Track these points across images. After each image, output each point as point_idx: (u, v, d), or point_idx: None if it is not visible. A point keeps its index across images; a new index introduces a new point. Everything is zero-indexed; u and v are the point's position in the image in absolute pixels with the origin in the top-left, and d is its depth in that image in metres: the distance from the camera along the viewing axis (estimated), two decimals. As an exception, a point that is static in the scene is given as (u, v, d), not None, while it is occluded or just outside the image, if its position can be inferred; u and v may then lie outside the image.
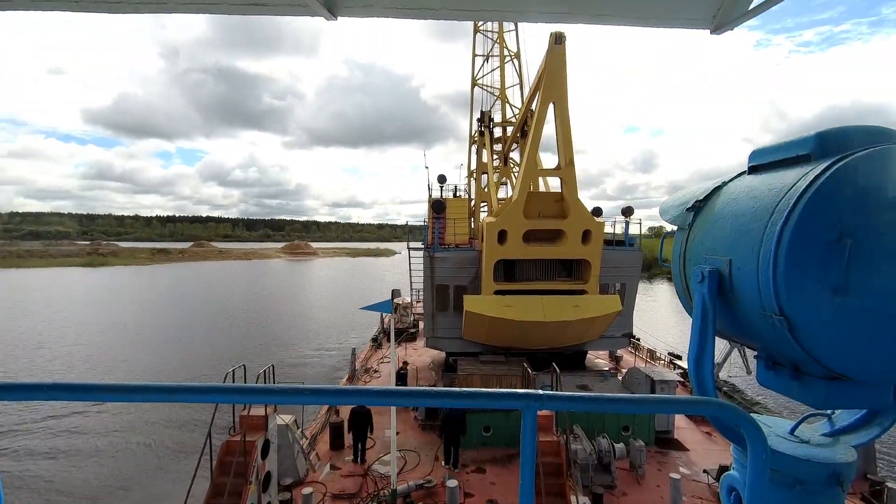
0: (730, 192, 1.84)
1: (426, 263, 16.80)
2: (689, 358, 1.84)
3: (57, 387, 1.38)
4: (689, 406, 1.45)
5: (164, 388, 1.38)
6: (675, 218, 2.12)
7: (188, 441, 19.03)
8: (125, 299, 61.06)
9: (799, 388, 1.57)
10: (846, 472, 1.58)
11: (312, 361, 31.39)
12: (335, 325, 43.99)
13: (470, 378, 14.19)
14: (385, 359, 23.07)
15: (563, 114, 15.01)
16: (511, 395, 1.38)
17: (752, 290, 1.54)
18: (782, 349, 1.57)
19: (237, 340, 37.03)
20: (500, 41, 27.68)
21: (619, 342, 18.96)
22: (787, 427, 1.84)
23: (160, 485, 15.82)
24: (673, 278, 2.12)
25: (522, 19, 2.12)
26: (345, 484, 11.60)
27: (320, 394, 1.42)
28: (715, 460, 12.82)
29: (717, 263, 1.72)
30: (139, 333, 39.29)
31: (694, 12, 2.00)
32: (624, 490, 11.58)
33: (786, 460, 1.61)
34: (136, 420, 21.06)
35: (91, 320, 44.79)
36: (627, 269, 17.83)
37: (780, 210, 1.44)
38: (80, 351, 33.12)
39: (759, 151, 1.76)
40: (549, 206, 15.97)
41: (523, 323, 15.19)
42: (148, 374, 28.00)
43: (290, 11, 1.88)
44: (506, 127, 26.25)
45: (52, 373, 28.07)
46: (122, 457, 17.99)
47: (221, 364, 26.72)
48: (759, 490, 1.36)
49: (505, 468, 12.45)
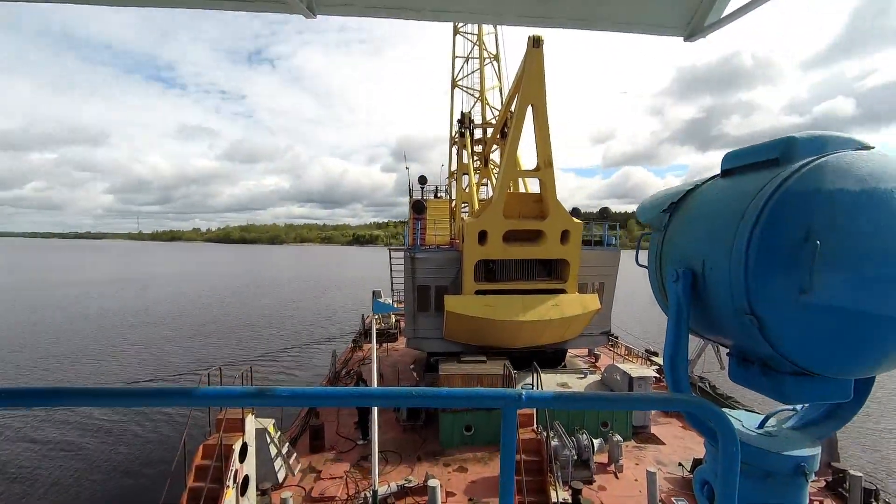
0: (703, 195, 1.89)
1: (407, 264, 16.74)
2: (664, 355, 1.88)
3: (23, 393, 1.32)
4: (664, 403, 1.49)
5: (134, 393, 1.34)
6: (651, 219, 2.16)
7: (160, 443, 18.48)
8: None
9: (768, 383, 1.63)
10: (810, 462, 1.64)
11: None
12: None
13: (451, 378, 14.20)
14: (366, 360, 22.88)
15: (542, 116, 15.16)
16: (492, 394, 1.39)
17: (724, 290, 1.58)
18: (752, 346, 1.62)
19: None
20: (479, 43, 27.76)
21: (598, 340, 19.27)
22: (756, 421, 1.90)
23: (132, 490, 15.29)
24: (649, 278, 2.16)
25: (501, 22, 2.13)
26: (324, 486, 11.46)
27: (299, 396, 1.40)
28: (690, 454, 13.18)
29: (691, 263, 1.76)
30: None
31: (668, 20, 2.05)
32: (602, 484, 11.79)
33: (755, 453, 1.67)
34: (104, 422, 20.31)
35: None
36: (606, 268, 18.14)
37: (749, 212, 1.49)
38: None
39: (731, 155, 1.82)
40: (529, 207, 16.11)
41: (504, 322, 15.29)
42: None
43: (269, 8, 1.86)
44: (486, 128, 26.35)
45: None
46: (91, 460, 17.29)
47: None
48: (730, 482, 1.40)
49: (486, 466, 12.50)
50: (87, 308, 52.69)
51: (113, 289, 72.42)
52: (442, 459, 12.82)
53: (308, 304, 59.27)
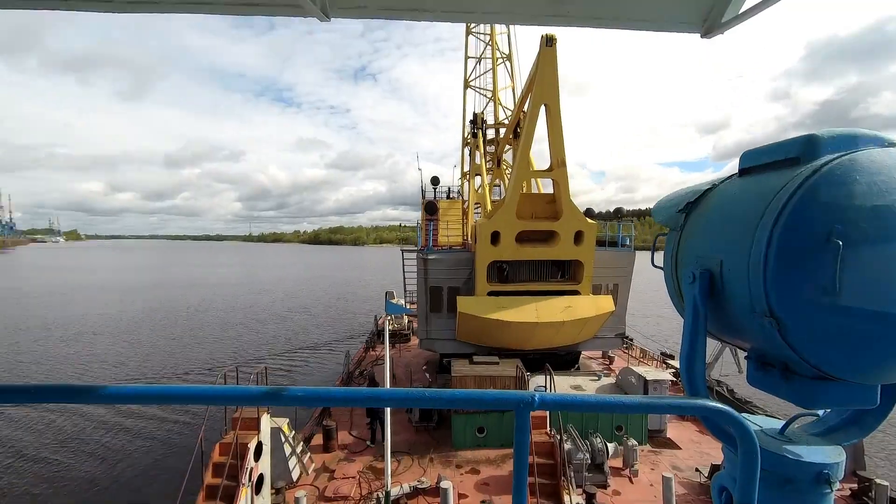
0: (721, 194, 1.85)
1: (420, 265, 16.78)
2: (680, 358, 1.85)
3: (47, 389, 1.36)
4: (681, 407, 1.46)
5: (152, 392, 1.36)
6: (667, 219, 2.13)
7: (176, 441, 18.82)
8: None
9: (788, 388, 1.58)
10: (834, 471, 1.59)
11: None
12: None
13: (464, 379, 14.18)
14: (379, 361, 22.99)
15: (555, 115, 15.07)
16: (505, 396, 1.38)
17: (742, 291, 1.54)
18: (772, 349, 1.58)
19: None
20: (492, 43, 27.75)
21: (612, 342, 19.04)
22: (777, 427, 1.85)
23: (152, 485, 15.61)
24: (664, 279, 2.13)
25: (515, 22, 2.12)
26: (338, 486, 11.53)
27: (313, 396, 1.41)
28: (707, 459, 12.92)
29: (709, 264, 1.72)
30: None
31: (684, 16, 2.01)
32: (617, 489, 11.62)
33: (775, 460, 1.62)
34: (123, 419, 20.78)
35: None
36: (620, 269, 17.93)
37: (770, 212, 1.45)
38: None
39: (749, 154, 1.78)
40: (542, 208, 16.02)
41: (516, 324, 15.21)
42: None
43: (284, 12, 1.88)
44: (498, 129, 26.30)
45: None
46: (112, 455, 17.73)
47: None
48: (749, 489, 1.37)
49: (499, 469, 12.44)
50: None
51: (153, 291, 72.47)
52: (454, 461, 12.79)
53: (343, 302, 59.79)
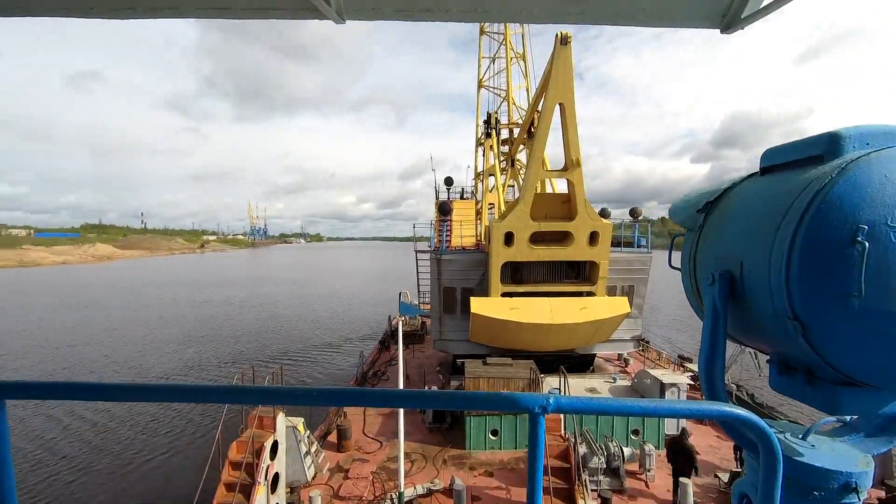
0: (741, 194, 1.81)
1: (433, 266, 16.80)
2: (699, 361, 1.81)
3: (68, 387, 1.39)
4: (700, 411, 1.43)
5: (172, 389, 1.39)
6: (685, 219, 2.08)
7: (191, 438, 19.23)
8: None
9: (812, 393, 1.54)
10: (862, 479, 1.54)
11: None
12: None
13: (477, 381, 14.14)
14: (392, 361, 23.09)
15: (570, 115, 14.94)
16: (519, 399, 1.37)
17: (764, 293, 1.50)
18: (795, 353, 1.53)
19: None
20: (506, 43, 27.69)
21: (628, 344, 18.80)
22: (800, 432, 1.80)
23: (170, 481, 15.96)
24: (682, 280, 2.08)
25: (530, 20, 2.11)
26: (351, 486, 11.61)
27: (328, 395, 1.42)
28: (725, 464, 12.64)
29: (728, 266, 1.69)
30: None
31: (703, 11, 1.98)
32: (633, 493, 11.46)
33: (799, 467, 1.57)
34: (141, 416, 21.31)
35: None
36: (636, 270, 17.68)
37: (793, 212, 1.41)
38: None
39: (770, 152, 1.73)
40: (556, 208, 15.89)
41: (530, 325, 15.11)
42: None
43: (300, 15, 1.90)
44: (512, 128, 26.21)
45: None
46: (131, 451, 18.22)
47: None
48: (771, 497, 1.33)
49: (513, 471, 12.38)
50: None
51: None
52: (468, 462, 12.77)
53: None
